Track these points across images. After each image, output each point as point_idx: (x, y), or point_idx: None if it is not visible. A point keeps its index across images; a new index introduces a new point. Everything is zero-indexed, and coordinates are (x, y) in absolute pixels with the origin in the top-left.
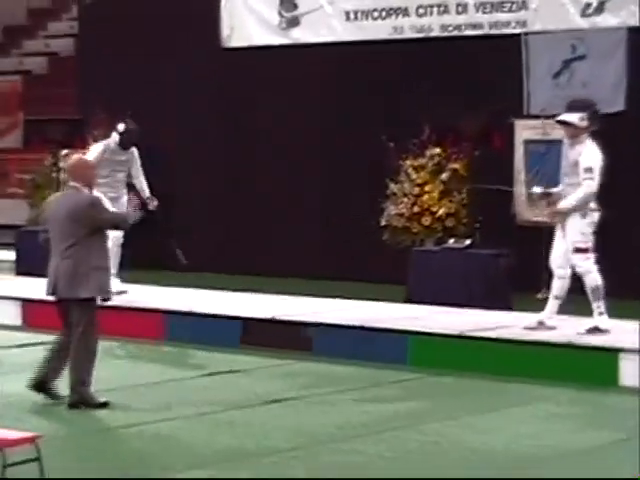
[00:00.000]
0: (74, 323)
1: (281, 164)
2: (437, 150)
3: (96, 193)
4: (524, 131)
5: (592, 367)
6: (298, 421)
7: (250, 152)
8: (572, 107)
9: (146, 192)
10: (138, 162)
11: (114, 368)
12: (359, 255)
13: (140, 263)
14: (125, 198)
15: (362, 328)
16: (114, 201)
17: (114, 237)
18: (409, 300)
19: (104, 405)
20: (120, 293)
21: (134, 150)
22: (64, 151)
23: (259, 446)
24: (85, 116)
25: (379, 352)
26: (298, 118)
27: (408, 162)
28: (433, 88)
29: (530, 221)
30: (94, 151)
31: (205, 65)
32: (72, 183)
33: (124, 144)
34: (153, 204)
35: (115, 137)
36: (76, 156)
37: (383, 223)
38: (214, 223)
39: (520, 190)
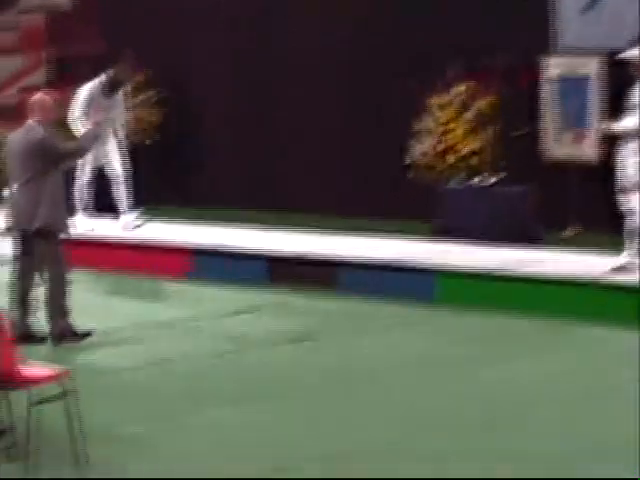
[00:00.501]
0: (40, 259)
1: (308, 101)
2: (462, 88)
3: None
4: (551, 68)
5: (616, 305)
6: (324, 359)
7: (276, 88)
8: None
9: (119, 135)
10: (122, 106)
11: (139, 306)
12: (386, 193)
13: (162, 199)
14: (111, 142)
15: (389, 266)
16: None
17: (116, 175)
18: (435, 238)
19: (88, 335)
20: (136, 227)
21: (119, 93)
22: None
23: (284, 385)
24: (110, 53)
25: (406, 290)
26: (326, 53)
27: (433, 100)
28: (459, 25)
29: (557, 158)
30: (81, 94)
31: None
32: (31, 119)
33: (109, 90)
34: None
35: (99, 83)
36: (37, 94)
37: (408, 161)
38: (238, 159)
39: (547, 127)
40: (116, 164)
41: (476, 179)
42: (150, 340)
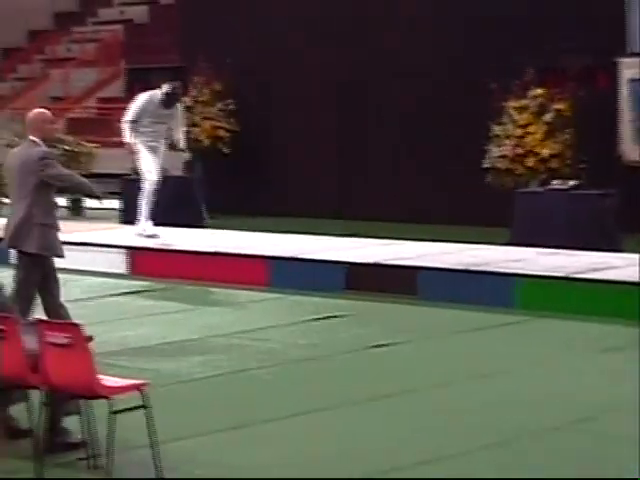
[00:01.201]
0: (16, 270)
1: (390, 108)
2: (540, 91)
3: (136, 141)
4: (628, 70)
5: None
6: (404, 365)
7: (358, 97)
8: None
9: (181, 145)
10: (180, 117)
11: (218, 315)
12: (464, 198)
13: (238, 207)
14: (163, 149)
15: (468, 271)
16: (152, 150)
17: (149, 182)
18: (514, 242)
19: None
20: (151, 237)
21: (178, 105)
22: None
23: (365, 391)
24: (186, 64)
25: (485, 295)
26: (407, 60)
27: (511, 103)
28: (536, 29)
29: (636, 161)
30: (139, 101)
31: (301, 9)
32: (30, 137)
33: (166, 104)
34: (187, 155)
35: (159, 93)
36: (36, 110)
37: (486, 165)
38: (312, 169)
39: (625, 130)
40: (155, 173)
41: (555, 182)
42: (229, 349)
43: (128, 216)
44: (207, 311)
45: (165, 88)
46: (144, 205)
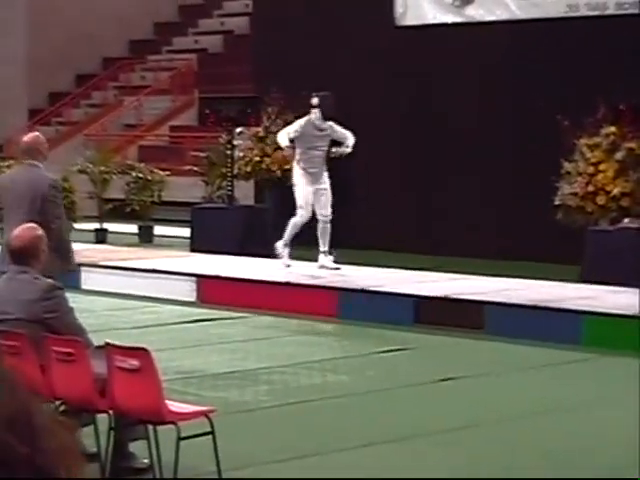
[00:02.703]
0: None
1: (456, 145)
2: (612, 129)
3: (296, 169)
4: None
5: None
6: (469, 400)
7: (424, 133)
8: None
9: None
10: (340, 129)
11: (286, 345)
12: (533, 235)
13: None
14: (326, 181)
15: (536, 307)
16: (314, 177)
17: (324, 215)
18: (584, 280)
19: None
20: (335, 269)
21: (333, 126)
22: (238, 129)
23: (431, 424)
24: (260, 94)
25: (553, 332)
26: (472, 98)
27: (583, 141)
28: (608, 66)
29: None
30: (297, 122)
31: (378, 43)
32: (29, 161)
33: (325, 112)
34: (338, 152)
35: (314, 112)
36: (31, 134)
37: (557, 202)
38: (390, 200)
39: None
40: (327, 203)
41: (626, 220)
42: (297, 379)
43: (198, 244)
44: (275, 341)
45: (315, 100)
46: (287, 232)
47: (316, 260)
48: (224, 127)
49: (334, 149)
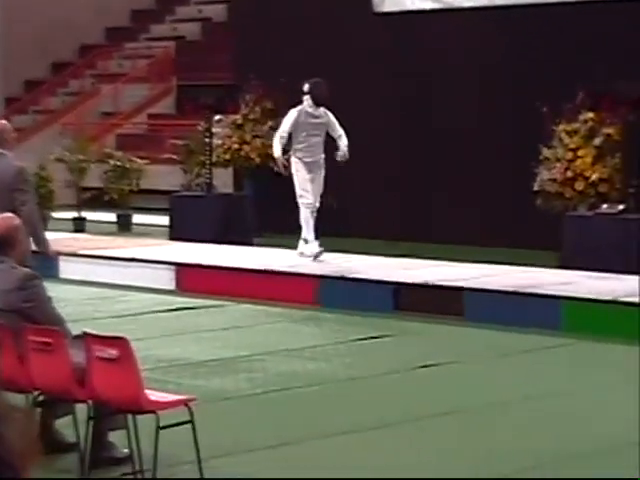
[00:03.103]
0: None
1: (437, 131)
2: (590, 114)
3: (293, 158)
4: None
5: None
6: (449, 386)
7: (406, 118)
8: None
9: (344, 148)
10: (337, 125)
11: (266, 333)
12: (512, 220)
13: (285, 227)
14: (321, 170)
15: (515, 293)
16: (311, 165)
17: (306, 203)
18: (562, 265)
19: None
20: (317, 255)
21: (329, 114)
22: (217, 116)
23: (411, 411)
24: (238, 81)
25: (532, 318)
26: (452, 85)
27: (561, 127)
28: (588, 52)
29: None
30: (289, 117)
31: (357, 29)
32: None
33: (317, 99)
34: (343, 157)
35: (306, 99)
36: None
37: (536, 188)
38: (376, 191)
39: None
40: (317, 192)
41: (604, 206)
42: (276, 367)
43: (176, 232)
44: (254, 329)
45: (307, 86)
46: (305, 227)
47: (289, 246)
48: (202, 115)
49: (339, 158)
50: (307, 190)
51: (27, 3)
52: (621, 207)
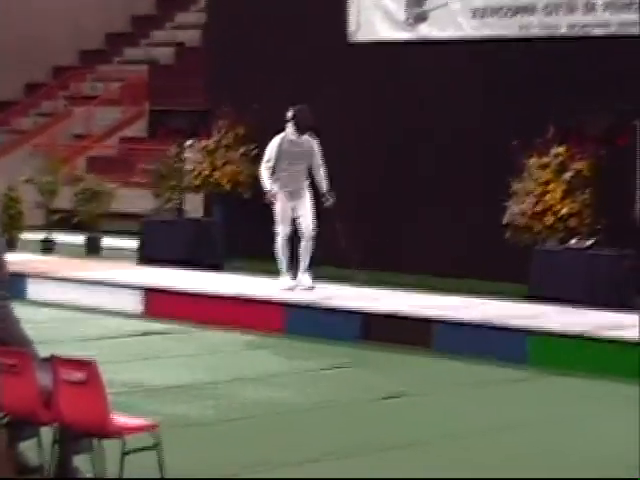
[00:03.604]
0: None
1: (409, 162)
2: (561, 149)
3: (275, 186)
4: None
5: None
6: (414, 417)
7: (377, 147)
8: None
9: (323, 187)
10: (318, 154)
11: (233, 360)
12: (482, 253)
13: (254, 253)
14: (307, 197)
15: (483, 326)
16: (294, 195)
17: (280, 234)
18: (530, 298)
19: None
20: (310, 289)
21: (313, 142)
22: (188, 141)
23: (375, 442)
24: (211, 107)
25: (499, 350)
26: (425, 116)
27: (532, 161)
28: (560, 86)
29: None
30: (272, 145)
31: (332, 58)
32: None
33: (301, 126)
34: (329, 202)
35: (289, 125)
36: None
37: (505, 221)
38: (344, 218)
39: None
40: (309, 219)
41: (573, 241)
42: (242, 394)
43: (146, 256)
44: (222, 355)
45: (290, 113)
46: (280, 259)
47: (257, 273)
48: (174, 140)
49: (327, 204)
50: (285, 218)
51: (1, 22)
52: (590, 242)
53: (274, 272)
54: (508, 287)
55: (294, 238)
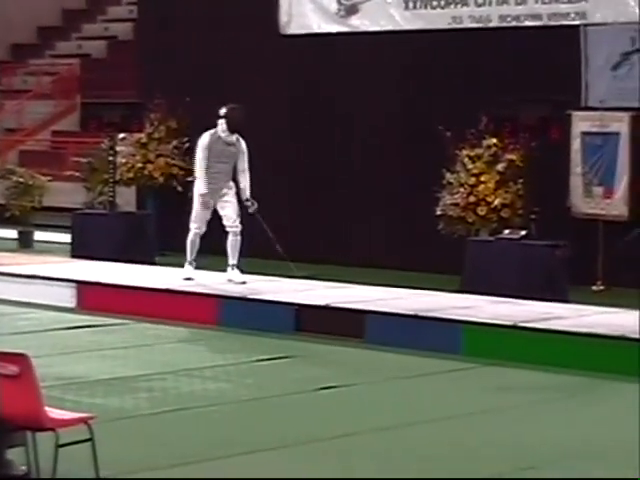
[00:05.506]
0: None
1: (342, 154)
2: (494, 140)
3: (200, 182)
4: (582, 123)
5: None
6: (348, 408)
7: (311, 139)
8: None
9: (246, 193)
10: (245, 157)
11: (167, 352)
12: (415, 244)
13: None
14: (231, 194)
15: (416, 317)
16: (214, 193)
17: (231, 226)
18: (464, 290)
19: None
20: (242, 283)
21: (242, 144)
22: (121, 135)
23: (310, 433)
24: (143, 100)
25: (433, 341)
26: (356, 108)
27: (464, 152)
28: (491, 78)
29: (586, 213)
30: (202, 142)
31: (264, 50)
32: None
33: (232, 124)
34: (252, 208)
35: (221, 123)
36: None
37: (438, 212)
38: (279, 209)
39: (576, 182)
40: (234, 214)
41: (506, 232)
42: (176, 386)
43: (78, 250)
44: (155, 348)
45: (223, 111)
46: (188, 249)
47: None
48: (106, 133)
49: (250, 210)
50: (199, 218)
51: None
52: (523, 233)
53: (207, 266)
54: (441, 278)
55: (222, 234)
